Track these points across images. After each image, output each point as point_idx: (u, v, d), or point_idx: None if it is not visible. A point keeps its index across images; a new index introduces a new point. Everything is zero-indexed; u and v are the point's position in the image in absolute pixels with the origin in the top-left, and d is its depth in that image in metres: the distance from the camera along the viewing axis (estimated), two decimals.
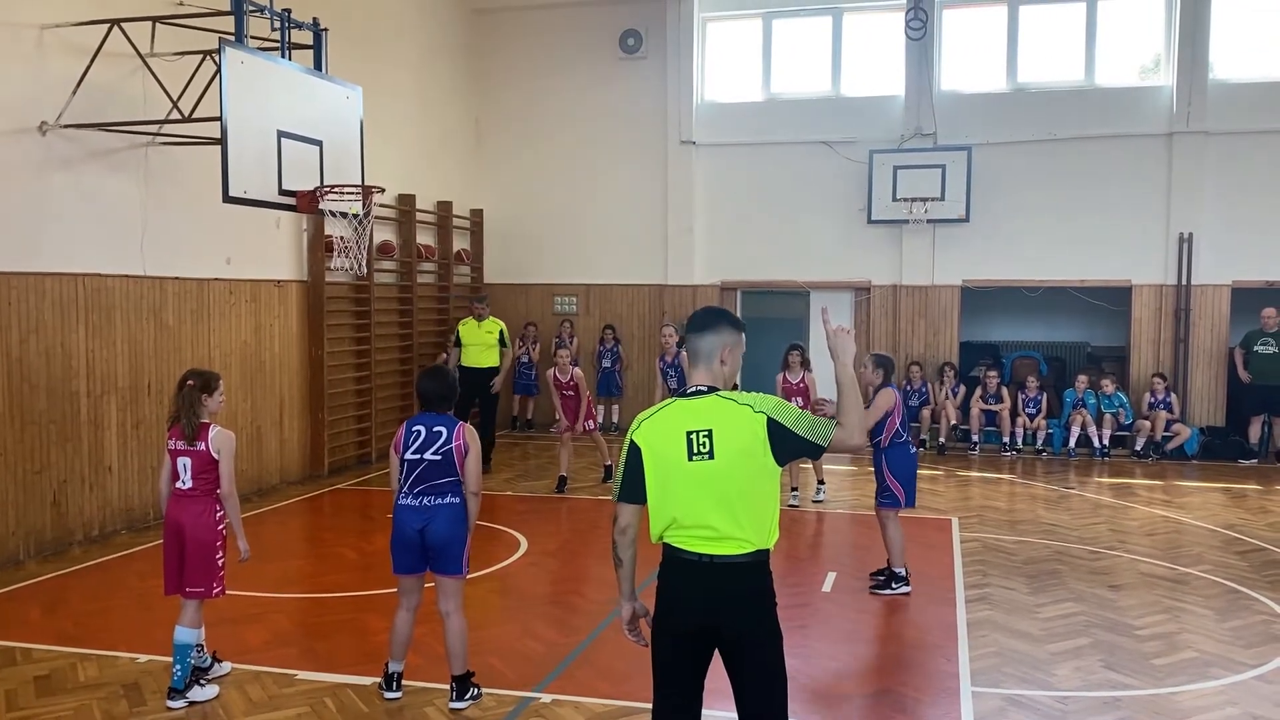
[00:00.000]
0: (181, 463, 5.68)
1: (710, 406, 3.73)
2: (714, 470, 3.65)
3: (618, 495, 3.86)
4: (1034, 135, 14.95)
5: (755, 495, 3.69)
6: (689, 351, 3.91)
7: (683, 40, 16.03)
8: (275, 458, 11.79)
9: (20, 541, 8.52)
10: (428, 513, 5.46)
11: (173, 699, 5.59)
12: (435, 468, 5.45)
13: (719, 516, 3.65)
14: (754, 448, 3.65)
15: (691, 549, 3.71)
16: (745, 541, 3.68)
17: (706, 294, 16.19)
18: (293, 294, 12.02)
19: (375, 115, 10.62)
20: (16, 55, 8.41)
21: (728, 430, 3.67)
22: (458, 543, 5.50)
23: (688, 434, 3.68)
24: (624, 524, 3.88)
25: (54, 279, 8.82)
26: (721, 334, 3.85)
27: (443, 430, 5.47)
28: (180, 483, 5.69)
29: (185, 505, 5.70)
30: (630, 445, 3.80)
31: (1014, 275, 15.21)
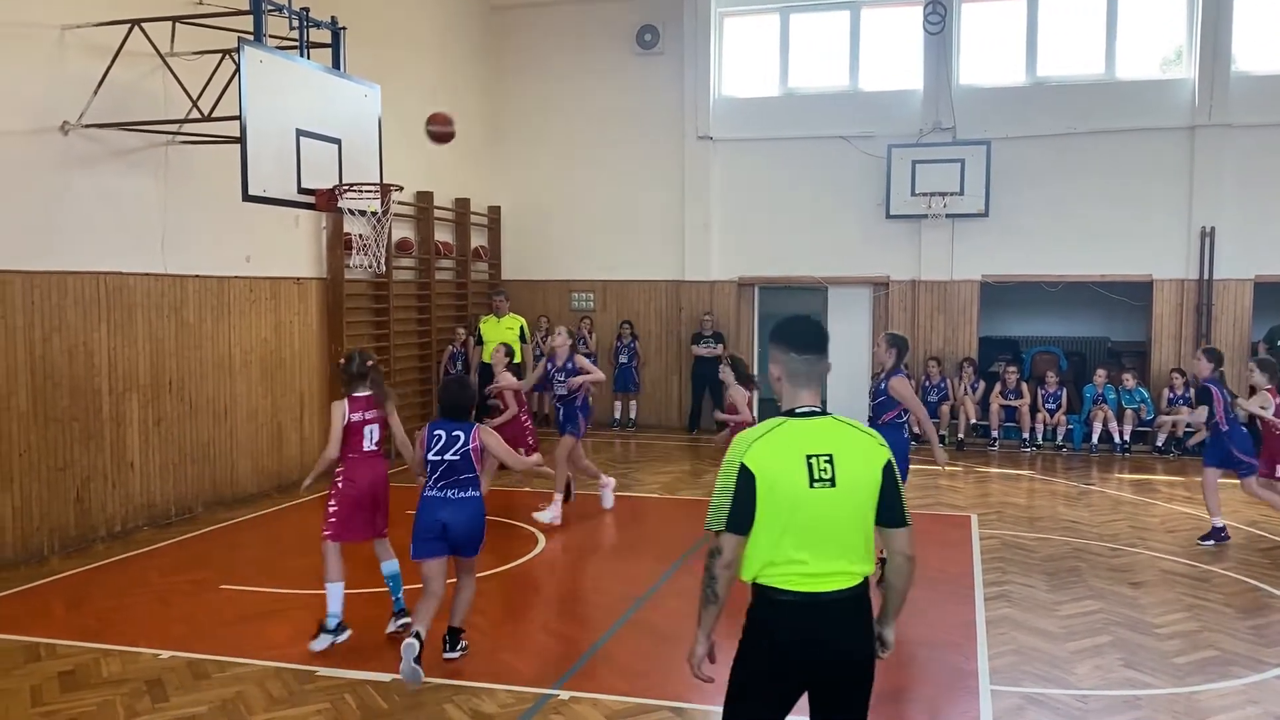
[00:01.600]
0: (370, 429, 6.54)
1: (829, 429, 3.45)
2: (835, 499, 3.36)
3: (724, 524, 3.41)
4: (1053, 129, 14.85)
5: (868, 528, 3.45)
6: (790, 370, 3.53)
7: (700, 35, 15.99)
8: (295, 454, 11.86)
9: (44, 538, 8.61)
10: (451, 505, 6.04)
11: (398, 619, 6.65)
12: (456, 467, 6.05)
13: (833, 549, 3.38)
14: (872, 480, 3.42)
15: (797, 588, 3.38)
16: (853, 574, 3.42)
17: (723, 290, 16.18)
18: (312, 291, 12.08)
19: (393, 113, 10.66)
20: (38, 56, 8.48)
21: (850, 456, 3.40)
22: (476, 532, 6.13)
23: (808, 458, 3.36)
24: (729, 558, 3.44)
25: (76, 277, 8.89)
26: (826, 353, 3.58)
27: (460, 435, 6.07)
28: (367, 445, 6.54)
29: (376, 463, 6.57)
30: (741, 470, 3.38)
31: (1033, 270, 15.12)
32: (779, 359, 3.57)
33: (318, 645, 6.37)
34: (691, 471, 12.49)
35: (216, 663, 6.20)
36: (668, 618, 7.27)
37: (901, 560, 3.53)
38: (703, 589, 3.54)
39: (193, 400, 10.25)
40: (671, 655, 6.57)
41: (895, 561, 3.53)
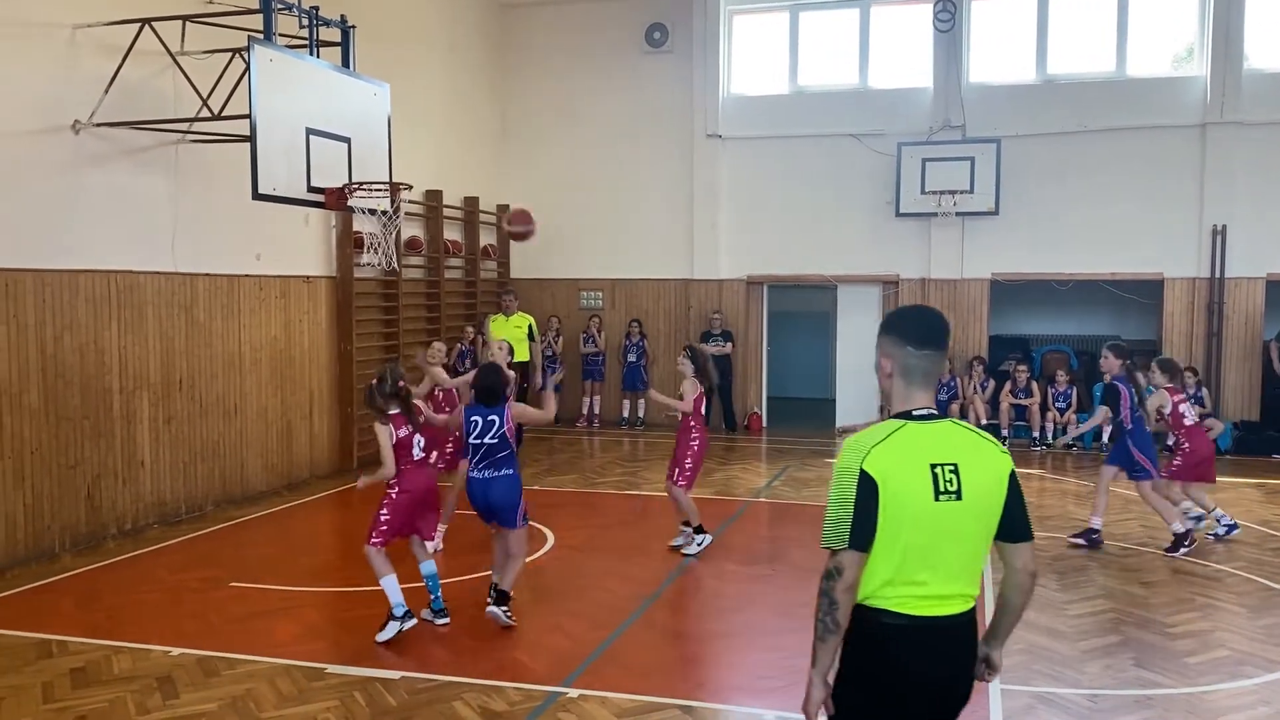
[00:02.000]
0: (417, 439, 6.78)
1: (950, 435, 3.13)
2: (961, 514, 3.04)
3: (845, 541, 3.02)
4: (1064, 127, 14.80)
5: (986, 546, 3.15)
6: (905, 366, 3.17)
7: (709, 34, 15.97)
8: (305, 452, 11.89)
9: (56, 535, 8.64)
10: (488, 483, 6.74)
11: (439, 617, 6.88)
12: (494, 448, 6.75)
13: (955, 569, 3.07)
14: (998, 492, 3.11)
15: (914, 611, 3.04)
16: (969, 596, 3.12)
17: (732, 288, 16.16)
18: (322, 290, 12.10)
19: (402, 111, 10.67)
20: (49, 55, 8.51)
21: (975, 465, 3.08)
22: (513, 505, 6.80)
23: (932, 468, 3.03)
24: (851, 580, 3.04)
25: (87, 276, 8.93)
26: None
27: (495, 419, 6.76)
28: (416, 453, 6.76)
29: (426, 470, 6.87)
30: (861, 477, 3.02)
31: (1044, 269, 15.07)
32: (892, 353, 3.19)
33: (385, 635, 6.50)
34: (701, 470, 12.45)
35: (226, 660, 6.22)
36: (676, 616, 7.27)
37: (1025, 577, 3.22)
38: (818, 618, 3.11)
39: (203, 398, 10.28)
40: (681, 654, 6.58)
41: (1018, 579, 3.22)
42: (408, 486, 6.69)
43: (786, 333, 17.91)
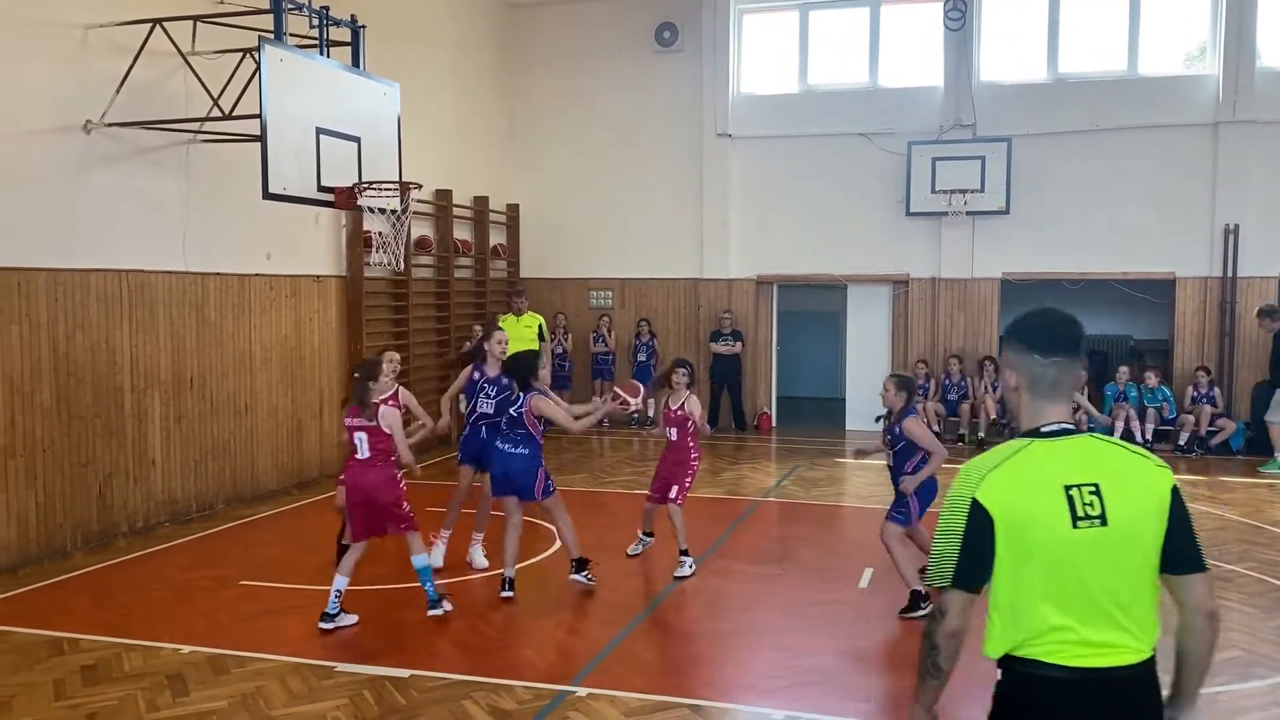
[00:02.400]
0: (358, 437, 6.76)
1: (1090, 451, 2.72)
2: (1107, 542, 2.62)
3: (949, 579, 2.71)
4: (1075, 126, 14.74)
5: (1152, 577, 2.70)
6: (1031, 376, 2.79)
7: (719, 33, 15.96)
8: (315, 450, 11.92)
9: (68, 533, 8.68)
10: (509, 457, 7.36)
11: (432, 608, 6.90)
12: (512, 423, 7.35)
13: (1108, 610, 2.63)
14: (1155, 515, 2.68)
15: (1069, 661, 2.62)
16: (1142, 644, 2.66)
17: (742, 288, 16.15)
18: (332, 289, 12.13)
19: (412, 111, 10.68)
20: (61, 55, 8.55)
21: (1123, 484, 2.66)
22: (529, 483, 7.34)
23: (1067, 490, 2.63)
24: (955, 624, 2.72)
25: (99, 275, 8.96)
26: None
27: (510, 396, 7.41)
28: (359, 454, 6.78)
29: (366, 472, 6.77)
30: (973, 508, 2.66)
31: (1055, 268, 15.02)
32: (1017, 363, 2.82)
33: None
34: (709, 469, 12.46)
35: (236, 658, 6.24)
36: (685, 616, 7.27)
37: (1201, 620, 2.74)
38: (921, 661, 2.81)
39: (213, 397, 10.32)
40: (689, 653, 6.57)
41: (1193, 621, 2.74)
42: (348, 484, 6.87)
43: (796, 332, 17.88)
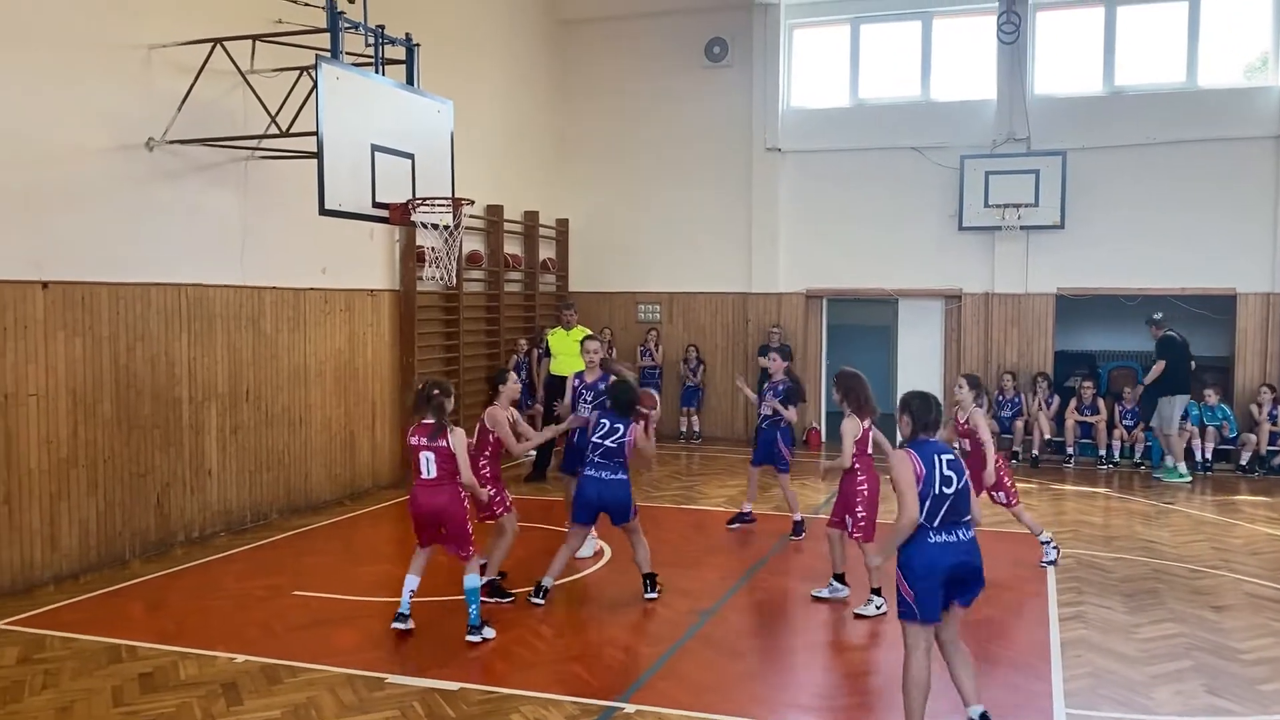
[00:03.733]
0: (425, 457, 6.81)
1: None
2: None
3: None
4: (1132, 139, 14.52)
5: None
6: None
7: (769, 48, 15.96)
8: (367, 462, 12.06)
9: (126, 542, 8.86)
10: (604, 483, 7.62)
11: (471, 634, 6.82)
12: (613, 452, 7.60)
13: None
14: None
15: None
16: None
17: (791, 302, 16.09)
18: (385, 303, 12.28)
19: (464, 127, 10.79)
20: (126, 75, 8.77)
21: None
22: (625, 504, 7.69)
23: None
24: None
25: (159, 289, 9.16)
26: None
27: (620, 428, 7.63)
28: (424, 474, 6.83)
29: (434, 493, 6.84)
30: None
31: (1111, 283, 14.79)
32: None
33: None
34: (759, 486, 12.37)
35: (289, 668, 6.32)
36: (733, 633, 7.23)
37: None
38: None
39: (269, 409, 10.48)
40: (737, 671, 6.54)
41: None
42: (410, 503, 7.04)
43: (846, 347, 17.74)
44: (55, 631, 6.97)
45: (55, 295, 8.18)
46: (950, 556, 5.13)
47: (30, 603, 7.61)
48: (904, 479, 5.11)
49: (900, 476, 5.14)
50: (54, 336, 8.18)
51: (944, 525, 5.13)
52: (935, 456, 5.14)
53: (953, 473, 5.15)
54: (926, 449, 5.21)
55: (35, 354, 8.03)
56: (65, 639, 6.83)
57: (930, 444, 5.24)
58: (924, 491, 5.10)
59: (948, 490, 5.11)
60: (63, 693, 5.95)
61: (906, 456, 5.17)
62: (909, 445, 5.27)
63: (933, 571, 5.10)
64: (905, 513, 5.09)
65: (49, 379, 8.14)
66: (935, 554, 5.11)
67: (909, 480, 5.10)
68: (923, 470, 5.11)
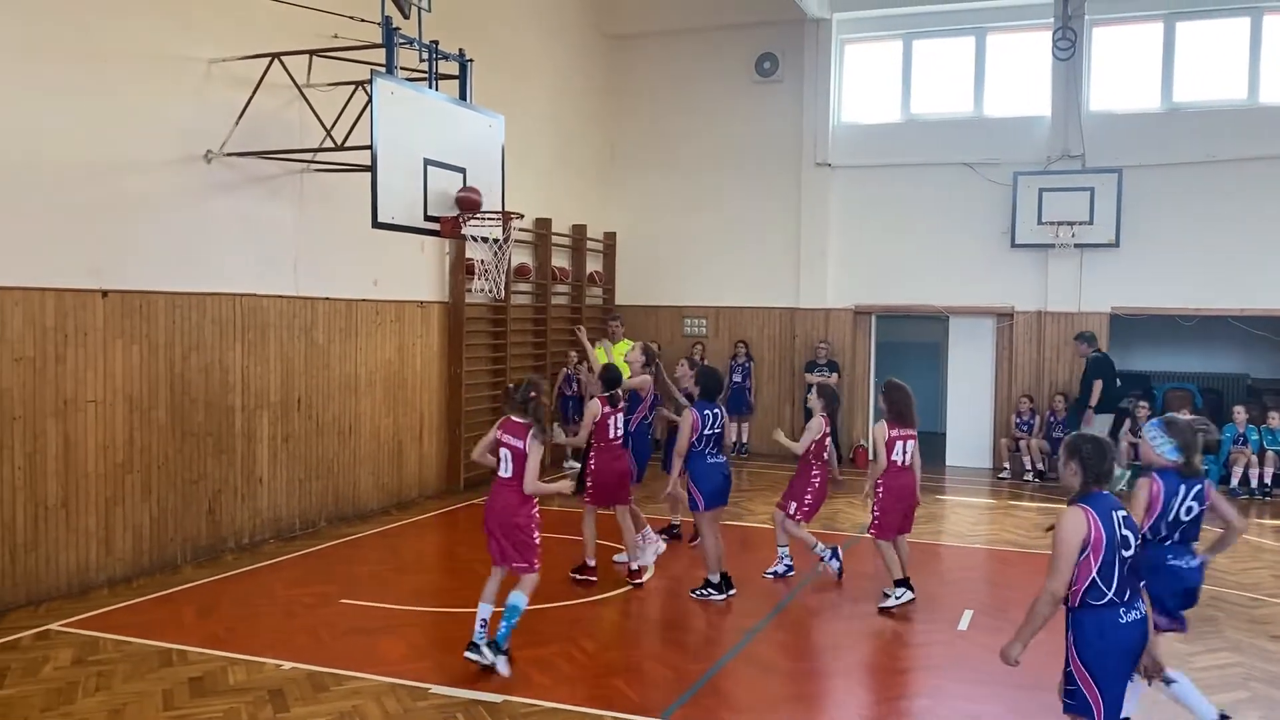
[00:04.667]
0: (504, 453, 6.59)
1: None
2: None
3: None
4: (1191, 157, 14.27)
5: None
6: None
7: (820, 63, 15.92)
8: (414, 471, 12.16)
9: (178, 547, 9.00)
10: (724, 466, 8.31)
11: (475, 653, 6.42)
12: (720, 438, 8.20)
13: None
14: None
15: None
16: None
17: (839, 318, 15.99)
18: (434, 314, 12.39)
19: (514, 141, 10.86)
20: (187, 88, 8.95)
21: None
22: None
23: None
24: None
25: (214, 298, 9.32)
26: None
27: (719, 412, 8.23)
28: (502, 471, 6.60)
29: (505, 492, 6.60)
30: None
31: (1167, 303, 14.52)
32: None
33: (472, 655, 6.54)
34: None
35: (335, 675, 6.37)
36: (778, 651, 7.18)
37: None
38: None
39: (319, 418, 10.61)
40: (782, 691, 6.48)
41: None
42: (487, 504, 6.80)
43: (895, 364, 17.58)
44: (108, 634, 7.09)
45: (114, 304, 8.36)
46: (1140, 638, 4.35)
47: (85, 605, 7.75)
48: (1068, 542, 4.24)
49: (1065, 538, 4.26)
50: (112, 344, 8.35)
51: (1125, 596, 4.30)
52: (1112, 514, 4.32)
53: (1129, 532, 4.35)
54: (1103, 505, 4.34)
55: (94, 361, 8.20)
56: (118, 641, 6.95)
57: (1105, 498, 4.37)
58: (1106, 558, 4.24)
59: (1126, 553, 4.29)
60: (114, 695, 6.06)
61: (1083, 515, 4.28)
62: (1082, 500, 4.36)
63: (1124, 657, 4.32)
64: (1053, 580, 4.27)
65: (107, 386, 8.31)
66: (1128, 637, 4.30)
67: (1073, 545, 4.23)
68: (1102, 533, 4.26)
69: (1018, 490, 13.87)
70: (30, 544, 7.73)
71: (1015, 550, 10.34)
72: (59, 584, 7.95)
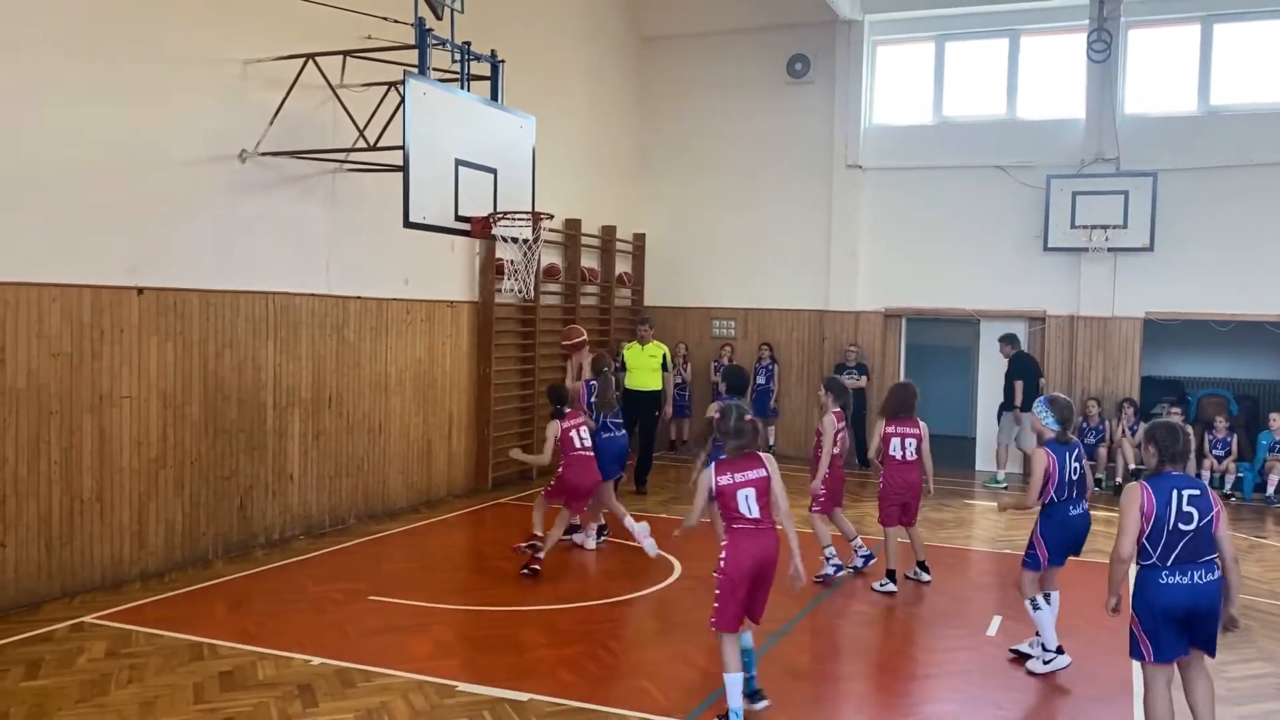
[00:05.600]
0: (743, 494, 5.62)
1: None
2: None
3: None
4: (1228, 160, 14.09)
5: None
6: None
7: (852, 64, 15.86)
8: (443, 470, 12.22)
9: (210, 542, 9.10)
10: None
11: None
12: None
13: None
14: None
15: None
16: None
17: (869, 320, 15.92)
18: (464, 314, 12.46)
19: (545, 141, 10.91)
20: (222, 89, 9.05)
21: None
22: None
23: None
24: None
25: (247, 296, 9.41)
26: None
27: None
28: (749, 512, 5.63)
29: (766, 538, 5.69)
30: None
31: (1202, 308, 14.35)
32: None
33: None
34: None
35: (363, 672, 6.42)
36: (804, 655, 7.16)
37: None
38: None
39: (350, 416, 10.69)
40: (807, 694, 6.47)
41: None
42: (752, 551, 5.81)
43: (925, 368, 17.50)
44: (141, 627, 7.18)
45: (149, 301, 8.46)
46: (1184, 598, 4.97)
47: (119, 598, 7.86)
48: (1128, 513, 5.01)
49: (1125, 510, 5.04)
50: (147, 341, 8.46)
51: (1179, 565, 4.97)
52: (1175, 491, 5.00)
53: (1194, 509, 4.97)
54: (1165, 483, 5.04)
55: (129, 357, 8.31)
56: (150, 635, 7.04)
57: (1172, 477, 5.07)
58: (1156, 529, 4.96)
59: (1185, 527, 4.94)
60: (146, 687, 6.13)
61: (1139, 490, 5.05)
62: (1148, 479, 5.11)
63: (1163, 612, 5.00)
64: (1119, 547, 5.03)
65: (141, 382, 8.42)
66: (1167, 595, 4.98)
67: (1133, 515, 4.99)
68: (1153, 506, 4.98)
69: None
70: (65, 537, 7.84)
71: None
72: (93, 577, 8.06)
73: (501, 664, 6.65)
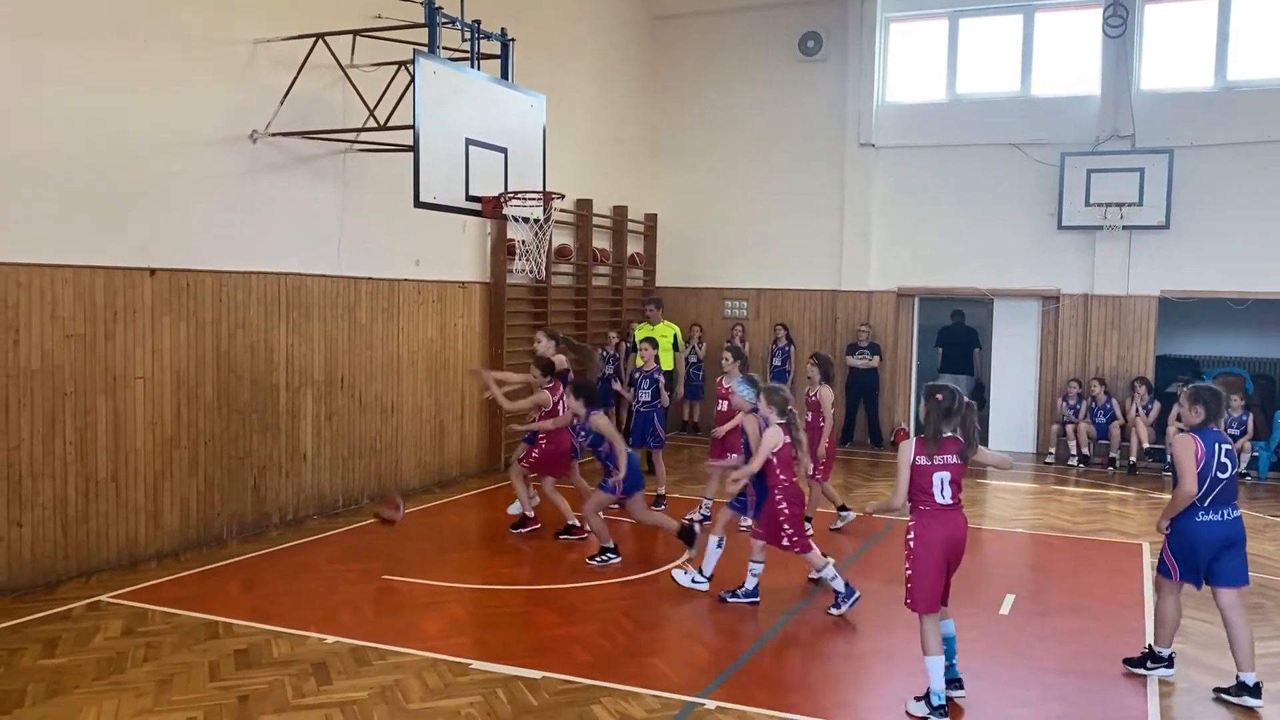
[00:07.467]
0: (940, 477, 5.67)
1: None
2: None
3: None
4: (1245, 137, 13.94)
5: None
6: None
7: (864, 41, 15.73)
8: (456, 451, 12.25)
9: (224, 522, 9.15)
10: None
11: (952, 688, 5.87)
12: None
13: None
14: None
15: None
16: None
17: (882, 300, 15.85)
18: (476, 295, 12.45)
19: (556, 121, 10.88)
20: (232, 70, 9.03)
21: None
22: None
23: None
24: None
25: (259, 277, 9.42)
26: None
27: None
28: (941, 497, 5.67)
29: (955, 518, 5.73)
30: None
31: (1218, 286, 14.23)
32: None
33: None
34: (843, 485, 12.26)
35: (377, 650, 6.45)
36: (818, 633, 7.16)
37: None
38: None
39: (362, 396, 10.71)
40: (821, 672, 6.47)
41: None
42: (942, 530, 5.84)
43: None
44: (157, 606, 7.23)
45: (162, 282, 8.48)
46: (1215, 532, 5.96)
47: (134, 577, 7.91)
48: (1186, 459, 5.88)
49: (1183, 456, 5.91)
50: (160, 322, 8.48)
51: (1214, 505, 5.95)
52: (1216, 445, 5.93)
53: (1228, 460, 5.97)
54: (1210, 437, 5.96)
55: (143, 338, 8.34)
56: (166, 614, 7.09)
57: (1213, 432, 5.99)
58: (1202, 473, 5.85)
59: (1222, 476, 5.90)
60: (163, 665, 6.17)
61: (1191, 440, 5.92)
62: (1195, 431, 5.99)
63: (1198, 545, 5.98)
64: (1184, 485, 5.88)
65: (155, 362, 8.44)
66: (1201, 530, 5.96)
67: (1191, 461, 5.86)
68: (1204, 454, 5.89)
69: (1063, 475, 13.70)
70: (81, 517, 7.89)
71: (1059, 535, 10.23)
72: (109, 556, 8.11)
73: (514, 642, 6.67)
